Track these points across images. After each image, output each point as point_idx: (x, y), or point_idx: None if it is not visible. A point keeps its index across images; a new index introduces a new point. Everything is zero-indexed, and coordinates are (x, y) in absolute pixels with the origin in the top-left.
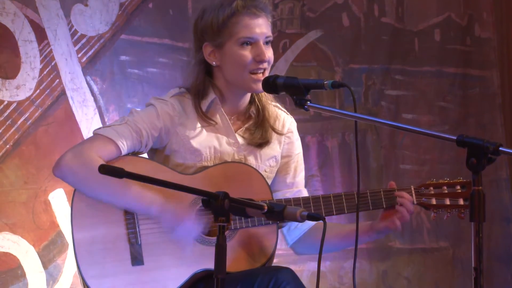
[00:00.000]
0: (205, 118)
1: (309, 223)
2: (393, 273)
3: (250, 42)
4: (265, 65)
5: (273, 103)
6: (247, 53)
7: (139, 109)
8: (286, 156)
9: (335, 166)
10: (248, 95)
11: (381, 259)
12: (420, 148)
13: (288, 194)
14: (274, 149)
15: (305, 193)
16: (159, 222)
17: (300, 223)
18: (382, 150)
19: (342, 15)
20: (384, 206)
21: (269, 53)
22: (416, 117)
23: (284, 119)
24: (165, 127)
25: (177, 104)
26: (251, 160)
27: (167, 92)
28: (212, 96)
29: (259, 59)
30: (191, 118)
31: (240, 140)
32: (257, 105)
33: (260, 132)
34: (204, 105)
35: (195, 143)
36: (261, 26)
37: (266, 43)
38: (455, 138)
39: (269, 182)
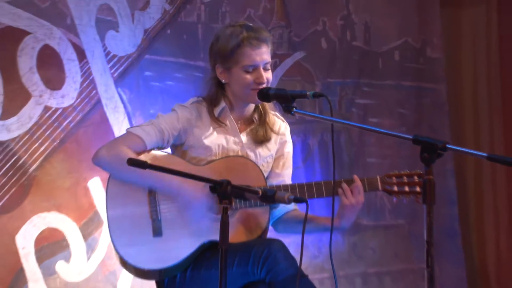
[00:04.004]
0: (217, 121)
1: (287, 208)
2: (361, 245)
3: (252, 68)
4: (264, 85)
5: (272, 112)
6: (249, 77)
7: (164, 114)
8: (278, 154)
9: (316, 160)
10: (252, 104)
11: (351, 233)
12: (383, 145)
13: (274, 182)
14: (271, 148)
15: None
16: (178, 196)
17: (280, 207)
18: (353, 147)
19: (321, 40)
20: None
21: (267, 75)
22: (380, 121)
23: (280, 125)
24: (183, 128)
25: (194, 110)
26: (252, 157)
27: (188, 100)
28: (223, 104)
29: (258, 81)
30: (205, 122)
31: (245, 139)
32: (260, 111)
33: (262, 131)
34: (216, 111)
35: (207, 141)
36: (262, 55)
37: (266, 66)
38: (411, 137)
39: (265, 175)
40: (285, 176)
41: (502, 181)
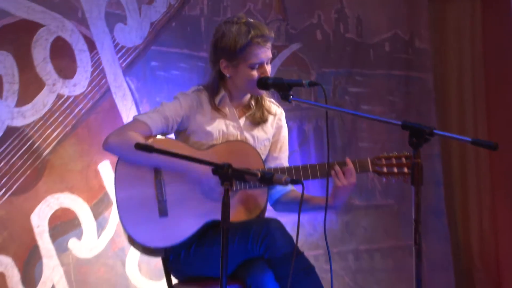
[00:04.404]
0: (217, 110)
1: (285, 189)
2: (353, 223)
3: (258, 65)
4: None
5: (268, 99)
6: (255, 73)
7: (167, 102)
8: (275, 138)
9: (311, 144)
10: None
11: (344, 213)
12: (374, 131)
13: (272, 165)
14: (268, 132)
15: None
16: (187, 172)
17: (278, 189)
18: (346, 133)
19: (316, 32)
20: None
21: (269, 68)
22: (371, 108)
23: (276, 110)
24: (186, 114)
25: (196, 98)
26: (250, 141)
27: (190, 88)
28: (222, 93)
29: (263, 76)
30: (206, 109)
31: (243, 123)
32: (256, 97)
33: (259, 114)
34: (217, 100)
35: (208, 127)
36: (266, 52)
37: (268, 61)
38: (400, 123)
39: (263, 158)
40: (282, 159)
41: (485, 164)
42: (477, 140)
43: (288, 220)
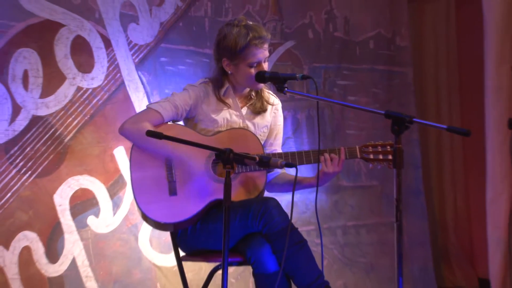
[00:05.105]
0: (222, 100)
1: (277, 172)
2: (341, 202)
3: (256, 64)
4: None
5: (267, 90)
6: (253, 71)
7: (177, 92)
8: (272, 126)
9: (303, 131)
10: None
11: (334, 192)
12: (360, 119)
13: (268, 151)
14: (267, 120)
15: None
16: (183, 166)
17: (271, 172)
18: (335, 121)
19: (308, 31)
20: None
21: (266, 65)
22: (357, 99)
23: (274, 101)
24: (194, 104)
25: (202, 89)
26: (251, 128)
27: (197, 81)
28: (227, 85)
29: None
30: (211, 99)
31: (245, 112)
32: (257, 90)
33: (259, 104)
34: (222, 92)
35: (214, 115)
36: (264, 52)
37: (265, 59)
38: (384, 112)
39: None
40: (277, 145)
41: (459, 149)
42: (452, 128)
43: (282, 199)
